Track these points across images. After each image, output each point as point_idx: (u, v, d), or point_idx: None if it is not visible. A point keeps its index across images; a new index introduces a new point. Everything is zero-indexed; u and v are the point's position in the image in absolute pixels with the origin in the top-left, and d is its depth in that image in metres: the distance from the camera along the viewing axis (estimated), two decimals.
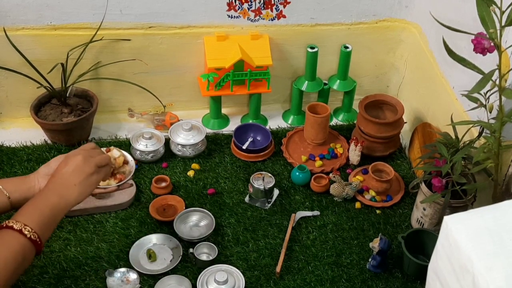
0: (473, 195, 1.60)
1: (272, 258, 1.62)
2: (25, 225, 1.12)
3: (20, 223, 1.13)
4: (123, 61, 1.93)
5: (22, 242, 1.11)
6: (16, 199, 1.26)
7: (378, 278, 1.59)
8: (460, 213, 1.01)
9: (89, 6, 1.82)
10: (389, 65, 2.17)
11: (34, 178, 1.30)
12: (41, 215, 1.17)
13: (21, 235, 1.11)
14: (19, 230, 1.12)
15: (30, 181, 1.30)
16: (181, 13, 1.89)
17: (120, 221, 1.69)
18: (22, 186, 1.29)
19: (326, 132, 1.93)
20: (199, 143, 1.91)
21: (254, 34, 1.94)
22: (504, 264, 0.91)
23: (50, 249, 1.59)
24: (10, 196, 1.26)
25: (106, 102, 2.05)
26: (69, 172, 1.24)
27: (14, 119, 2.04)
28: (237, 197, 1.79)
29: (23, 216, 1.15)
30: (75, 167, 1.24)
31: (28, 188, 1.28)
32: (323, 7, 1.95)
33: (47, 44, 1.87)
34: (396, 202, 1.80)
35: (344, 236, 1.69)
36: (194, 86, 2.07)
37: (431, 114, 1.94)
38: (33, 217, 1.15)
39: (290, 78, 2.13)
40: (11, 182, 1.29)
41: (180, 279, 1.52)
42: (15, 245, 1.10)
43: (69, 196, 1.22)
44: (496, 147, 1.38)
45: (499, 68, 1.28)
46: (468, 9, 1.47)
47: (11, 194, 1.26)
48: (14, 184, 1.29)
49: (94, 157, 1.29)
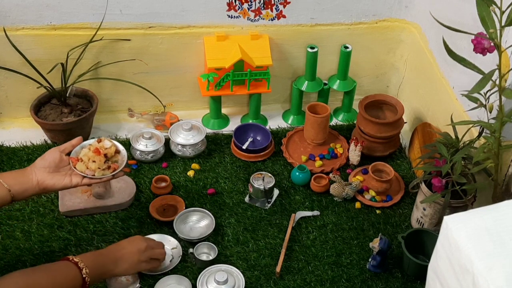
0: (473, 195, 1.60)
1: (272, 258, 1.62)
2: (86, 267, 1.31)
3: (83, 264, 1.31)
4: (123, 61, 1.93)
5: (78, 279, 1.30)
6: (16, 191, 1.35)
7: (378, 278, 1.59)
8: (460, 213, 1.01)
9: (89, 6, 1.82)
10: (389, 65, 2.17)
11: (31, 171, 1.39)
12: (96, 266, 1.35)
13: (80, 273, 1.30)
14: (80, 269, 1.31)
15: (28, 173, 1.38)
16: (181, 13, 1.89)
17: (120, 221, 1.69)
18: (20, 179, 1.37)
19: (326, 132, 1.93)
20: (199, 143, 1.91)
21: (254, 34, 1.94)
22: (504, 264, 0.91)
23: (50, 249, 1.59)
24: (10, 189, 1.34)
25: (106, 102, 2.05)
26: (130, 251, 1.43)
27: (14, 119, 2.04)
28: (237, 197, 1.79)
29: (88, 260, 1.34)
30: (136, 251, 1.44)
31: (26, 180, 1.37)
32: (323, 7, 1.95)
33: (47, 44, 1.87)
34: (396, 202, 1.80)
35: (344, 236, 1.69)
36: (194, 86, 2.07)
37: (431, 114, 1.94)
38: (93, 265, 1.34)
39: (290, 78, 2.13)
40: (10, 175, 1.37)
41: (180, 279, 1.52)
42: (73, 278, 1.29)
43: (118, 267, 1.41)
44: (496, 147, 1.38)
45: (499, 68, 1.28)
46: (468, 9, 1.47)
47: (11, 187, 1.34)
48: (13, 177, 1.37)
49: (154, 249, 1.49)
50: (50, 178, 1.38)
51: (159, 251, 1.51)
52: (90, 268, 1.32)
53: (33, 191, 1.37)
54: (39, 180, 1.37)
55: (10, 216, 1.67)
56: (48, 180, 1.38)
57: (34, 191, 1.38)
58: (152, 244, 1.50)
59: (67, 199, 1.69)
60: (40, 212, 1.69)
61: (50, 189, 1.39)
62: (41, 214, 1.68)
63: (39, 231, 1.64)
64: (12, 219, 1.66)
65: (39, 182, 1.37)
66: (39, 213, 1.68)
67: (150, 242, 1.49)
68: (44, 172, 1.38)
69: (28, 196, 1.38)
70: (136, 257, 1.43)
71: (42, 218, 1.67)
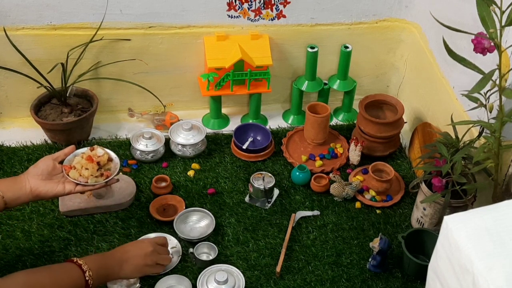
0: (473, 195, 1.60)
1: (272, 258, 1.62)
2: (90, 270, 1.32)
3: (87, 266, 1.33)
4: (123, 61, 1.93)
5: (81, 281, 1.31)
6: (9, 198, 1.36)
7: (378, 278, 1.59)
8: (460, 213, 1.01)
9: (89, 6, 1.82)
10: (389, 65, 2.17)
11: (24, 178, 1.40)
12: (100, 269, 1.36)
13: (83, 276, 1.31)
14: (84, 271, 1.32)
15: (21, 181, 1.39)
16: (181, 13, 1.89)
17: (120, 221, 1.69)
18: (14, 186, 1.38)
19: (326, 132, 1.93)
20: (199, 143, 1.91)
21: (254, 34, 1.94)
22: (504, 264, 0.91)
23: (50, 249, 1.59)
24: (3, 195, 1.35)
25: (106, 102, 2.05)
26: (135, 254, 1.43)
27: (14, 119, 2.04)
28: (237, 197, 1.79)
29: (92, 262, 1.35)
30: (143, 254, 1.44)
31: (19, 187, 1.38)
32: (323, 7, 1.95)
33: (47, 44, 1.87)
34: (396, 202, 1.80)
35: (344, 236, 1.69)
36: (194, 86, 2.07)
37: (431, 114, 1.94)
38: (97, 267, 1.35)
39: (290, 78, 2.13)
40: (3, 182, 1.38)
41: (180, 279, 1.52)
42: (76, 280, 1.31)
43: (123, 270, 1.41)
44: (496, 147, 1.38)
45: (499, 68, 1.28)
46: (468, 9, 1.47)
47: (4, 194, 1.35)
48: (6, 184, 1.38)
49: (160, 254, 1.49)
50: (43, 185, 1.39)
51: (165, 257, 1.51)
52: (94, 270, 1.33)
53: (26, 198, 1.38)
54: (32, 187, 1.38)
55: (10, 216, 1.67)
56: (41, 187, 1.39)
57: (27, 198, 1.38)
58: (159, 249, 1.49)
59: (67, 199, 1.69)
60: (40, 212, 1.69)
61: (43, 196, 1.40)
62: (41, 214, 1.68)
63: (39, 231, 1.64)
64: (12, 219, 1.66)
65: (32, 189, 1.38)
66: (39, 213, 1.69)
67: (157, 247, 1.49)
68: (37, 180, 1.39)
69: (20, 203, 1.38)
70: (141, 261, 1.43)
71: (42, 218, 1.67)
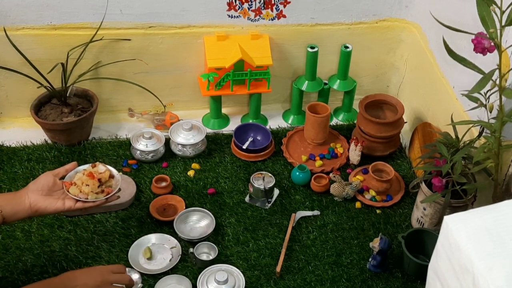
0: (473, 195, 1.60)
1: (272, 257, 1.62)
2: None
3: None
4: (123, 61, 1.93)
5: None
6: (8, 213, 1.33)
7: (378, 278, 1.59)
8: (460, 213, 1.01)
9: (89, 6, 1.82)
10: (389, 65, 2.17)
11: (24, 193, 1.37)
12: None
13: None
14: None
15: (21, 196, 1.37)
16: (181, 13, 1.89)
17: (121, 221, 1.69)
18: (12, 200, 1.35)
19: (326, 132, 1.93)
20: (199, 143, 1.91)
21: (254, 34, 1.94)
22: (504, 264, 0.91)
23: (50, 249, 1.59)
24: (2, 210, 1.32)
25: (106, 102, 2.05)
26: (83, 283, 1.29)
27: (14, 119, 2.04)
28: (237, 197, 1.79)
29: None
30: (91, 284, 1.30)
31: (18, 202, 1.35)
32: (323, 7, 1.95)
33: (47, 44, 1.87)
34: (396, 202, 1.80)
35: (344, 236, 1.69)
36: (194, 86, 2.07)
37: (431, 114, 1.94)
38: None
39: (290, 78, 2.13)
40: (2, 197, 1.37)
41: (180, 279, 1.52)
42: None
43: None
44: (496, 147, 1.38)
45: (499, 68, 1.28)
46: (468, 9, 1.47)
47: (3, 208, 1.32)
48: (5, 198, 1.36)
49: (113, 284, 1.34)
50: (42, 201, 1.37)
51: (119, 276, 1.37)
52: None
53: (25, 213, 1.36)
54: (32, 203, 1.36)
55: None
56: (41, 202, 1.37)
57: (26, 214, 1.36)
58: (112, 279, 1.35)
59: None
60: None
61: (42, 211, 1.37)
62: None
63: (39, 231, 1.64)
64: None
65: (31, 204, 1.36)
66: None
67: (111, 276, 1.35)
68: (37, 195, 1.37)
69: (19, 219, 1.36)
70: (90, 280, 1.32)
71: (42, 217, 1.67)
